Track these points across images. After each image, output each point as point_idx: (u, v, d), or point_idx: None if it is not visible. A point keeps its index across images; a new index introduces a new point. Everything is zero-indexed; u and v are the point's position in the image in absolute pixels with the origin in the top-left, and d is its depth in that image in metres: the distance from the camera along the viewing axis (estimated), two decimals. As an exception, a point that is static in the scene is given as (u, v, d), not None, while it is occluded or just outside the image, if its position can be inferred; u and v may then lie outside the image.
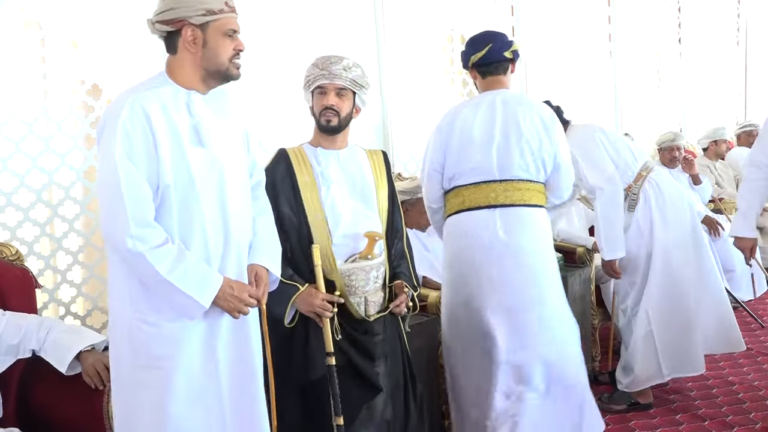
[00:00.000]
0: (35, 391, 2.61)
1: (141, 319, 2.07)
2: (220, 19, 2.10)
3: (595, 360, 4.30)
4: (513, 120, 3.04)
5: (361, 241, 2.62)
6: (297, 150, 2.68)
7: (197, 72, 2.13)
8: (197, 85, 2.15)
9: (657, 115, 6.74)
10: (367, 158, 2.76)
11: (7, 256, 2.77)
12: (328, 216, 2.59)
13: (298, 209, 2.58)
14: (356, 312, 2.59)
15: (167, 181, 2.04)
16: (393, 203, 2.77)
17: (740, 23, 7.57)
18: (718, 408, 3.73)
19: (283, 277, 2.44)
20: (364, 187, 2.69)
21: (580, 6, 5.88)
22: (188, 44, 2.11)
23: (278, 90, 3.96)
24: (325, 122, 2.61)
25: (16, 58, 3.15)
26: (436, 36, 4.83)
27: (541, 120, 3.06)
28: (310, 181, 2.61)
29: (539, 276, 3.04)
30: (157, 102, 2.07)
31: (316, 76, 2.60)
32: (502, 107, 3.07)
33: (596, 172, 3.60)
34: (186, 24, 2.09)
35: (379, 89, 4.38)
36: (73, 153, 3.27)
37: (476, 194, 3.05)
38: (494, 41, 3.11)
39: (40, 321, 2.55)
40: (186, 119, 2.11)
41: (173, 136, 2.06)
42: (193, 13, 2.08)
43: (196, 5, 2.08)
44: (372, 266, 2.63)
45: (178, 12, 2.09)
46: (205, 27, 2.09)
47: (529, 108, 3.09)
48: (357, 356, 2.58)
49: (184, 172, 2.07)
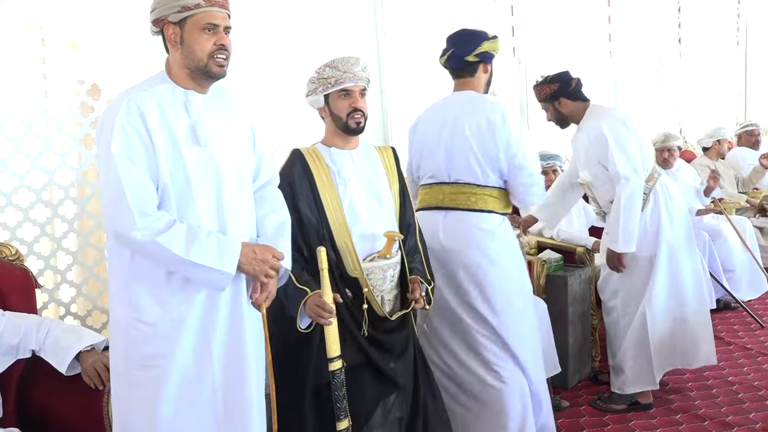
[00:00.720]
0: (35, 392, 2.60)
1: (136, 318, 2.08)
2: (196, 14, 2.08)
3: (595, 360, 4.30)
4: (459, 123, 3.09)
5: (378, 240, 2.62)
6: (311, 150, 2.68)
7: (183, 70, 2.13)
8: (192, 84, 2.15)
9: (657, 115, 6.74)
10: (378, 155, 2.77)
11: (7, 256, 2.77)
12: (347, 215, 2.59)
13: (317, 209, 2.57)
14: (380, 309, 2.59)
15: (165, 179, 2.05)
16: (404, 198, 2.79)
17: (740, 23, 7.58)
18: (718, 408, 3.73)
19: (298, 282, 2.45)
20: (378, 186, 2.70)
21: (580, 6, 5.88)
22: (171, 42, 2.13)
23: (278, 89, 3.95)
24: (355, 124, 2.61)
25: (15, 58, 3.14)
26: (436, 35, 4.83)
27: (488, 122, 3.05)
28: (328, 181, 2.61)
29: (477, 285, 3.05)
30: (154, 101, 2.07)
31: (339, 78, 2.59)
32: (454, 110, 3.13)
33: (626, 159, 3.52)
34: (166, 23, 2.11)
35: (379, 88, 4.38)
36: (73, 153, 3.27)
37: (429, 195, 3.18)
38: (456, 46, 3.15)
39: (40, 321, 2.55)
40: (183, 119, 2.10)
41: (169, 136, 2.07)
42: (170, 10, 2.09)
43: (172, 3, 2.09)
44: (389, 265, 2.63)
45: (159, 12, 2.11)
46: (183, 24, 2.09)
47: (480, 110, 3.08)
48: (376, 354, 2.58)
49: (180, 171, 2.07)
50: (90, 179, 3.29)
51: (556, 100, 3.72)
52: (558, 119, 3.80)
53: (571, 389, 4.05)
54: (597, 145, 3.59)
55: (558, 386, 4.04)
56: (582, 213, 4.64)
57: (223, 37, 2.11)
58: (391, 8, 4.50)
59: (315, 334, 2.51)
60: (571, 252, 4.30)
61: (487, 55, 3.15)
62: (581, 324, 4.16)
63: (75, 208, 3.28)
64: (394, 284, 2.67)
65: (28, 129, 3.13)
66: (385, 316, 2.61)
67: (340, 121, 2.63)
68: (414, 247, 2.78)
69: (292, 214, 2.44)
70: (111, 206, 2.04)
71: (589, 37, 5.98)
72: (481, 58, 3.14)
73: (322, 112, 2.69)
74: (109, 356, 2.20)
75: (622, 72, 6.21)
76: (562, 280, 4.04)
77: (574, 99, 3.71)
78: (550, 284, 4.04)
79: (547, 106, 3.79)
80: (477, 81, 3.19)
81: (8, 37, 3.12)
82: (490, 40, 3.15)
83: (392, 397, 2.62)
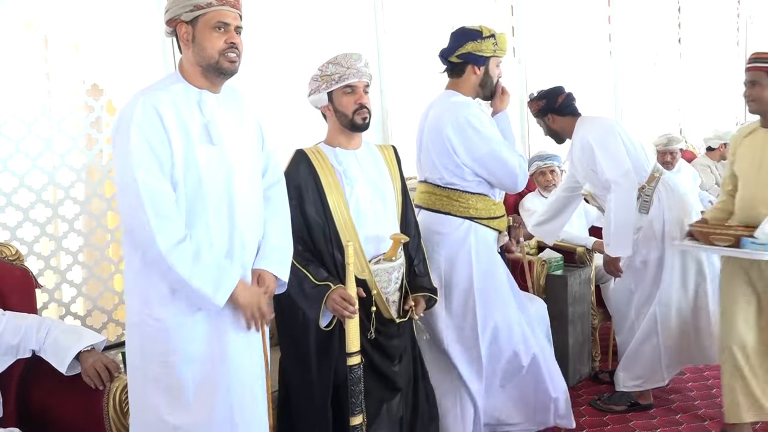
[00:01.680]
0: (35, 391, 2.60)
1: (149, 315, 2.11)
2: (208, 12, 2.11)
3: (595, 360, 4.30)
4: (427, 123, 3.12)
5: (382, 242, 2.62)
6: (315, 150, 2.66)
7: (196, 69, 2.16)
8: (205, 84, 2.17)
9: (656, 115, 6.74)
10: (381, 154, 2.77)
11: (7, 256, 2.76)
12: (354, 216, 2.59)
13: (324, 210, 2.56)
14: (387, 312, 2.60)
15: (177, 177, 2.09)
16: (405, 198, 2.79)
17: (740, 23, 7.58)
18: (718, 408, 3.72)
19: (317, 279, 2.46)
20: (383, 186, 2.71)
21: (580, 6, 5.87)
22: (183, 42, 2.16)
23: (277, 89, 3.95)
24: (361, 120, 2.61)
25: (16, 58, 3.14)
26: (436, 35, 4.83)
27: (443, 126, 3.03)
28: (334, 182, 2.60)
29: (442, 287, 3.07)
30: (169, 101, 2.10)
31: (343, 74, 2.58)
32: (430, 109, 3.15)
33: (614, 165, 3.49)
34: (179, 22, 2.14)
35: (379, 87, 4.38)
36: (73, 153, 3.27)
37: (417, 191, 3.23)
38: (447, 45, 3.13)
39: (40, 321, 2.55)
40: (197, 118, 2.14)
41: (184, 134, 2.10)
42: (183, 9, 2.12)
43: (185, 2, 2.12)
44: (394, 267, 2.64)
45: (173, 12, 2.15)
46: (195, 22, 2.12)
47: (440, 114, 3.07)
48: (379, 357, 2.59)
49: (193, 169, 2.10)
50: (91, 179, 3.29)
51: (546, 115, 3.73)
52: (551, 134, 3.80)
53: (571, 389, 4.04)
54: (586, 155, 3.58)
55: (558, 386, 4.04)
56: (582, 213, 4.63)
57: (234, 35, 2.14)
58: (391, 7, 4.50)
59: (334, 333, 2.51)
60: (571, 252, 4.30)
61: (472, 57, 3.05)
62: (581, 324, 4.16)
63: (75, 208, 3.28)
64: (397, 286, 2.68)
65: (28, 129, 3.13)
66: (392, 319, 2.61)
67: (345, 118, 2.61)
68: (417, 246, 2.79)
69: (300, 217, 2.46)
70: (128, 208, 2.08)
71: (589, 37, 5.98)
72: (466, 60, 3.06)
73: (325, 111, 2.67)
74: (110, 356, 2.23)
75: (622, 72, 6.21)
76: (562, 280, 4.04)
77: (562, 114, 3.69)
78: (550, 284, 4.04)
79: (540, 122, 3.81)
80: (463, 83, 3.12)
81: (8, 36, 3.12)
82: (479, 41, 3.04)
83: (395, 399, 2.64)
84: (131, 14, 3.38)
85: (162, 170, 2.06)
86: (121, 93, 3.34)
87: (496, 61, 3.12)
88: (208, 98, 2.17)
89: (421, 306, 2.69)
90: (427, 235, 3.05)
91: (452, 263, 3.08)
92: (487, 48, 3.06)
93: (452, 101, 3.08)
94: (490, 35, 3.06)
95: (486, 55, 3.07)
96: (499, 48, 3.09)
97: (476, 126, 3.01)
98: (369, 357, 2.54)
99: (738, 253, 3.01)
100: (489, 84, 3.13)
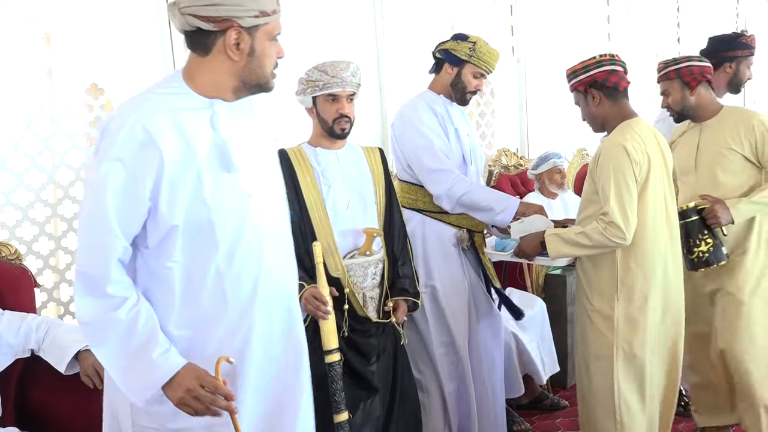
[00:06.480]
0: (34, 391, 2.60)
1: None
2: (270, 21, 1.75)
3: (594, 360, 4.30)
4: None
5: (359, 237, 2.66)
6: (296, 150, 2.71)
7: (231, 81, 1.78)
8: (223, 93, 1.79)
9: (656, 115, 6.73)
10: (365, 156, 2.79)
11: (6, 256, 2.76)
12: (330, 214, 2.62)
13: (300, 208, 2.59)
14: (361, 310, 2.61)
15: (174, 221, 1.71)
16: (390, 199, 2.80)
17: (739, 23, 7.58)
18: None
19: None
20: (362, 186, 2.73)
21: (580, 6, 5.88)
22: (230, 49, 1.73)
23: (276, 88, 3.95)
24: (340, 131, 2.65)
25: (15, 58, 3.14)
26: (436, 35, 4.83)
27: (396, 118, 3.15)
28: (312, 182, 2.64)
29: None
30: (169, 118, 1.71)
31: (327, 82, 2.60)
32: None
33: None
34: (233, 25, 1.71)
35: (378, 88, 4.38)
36: (73, 152, 3.27)
37: None
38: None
39: (39, 320, 2.55)
40: (208, 136, 1.75)
41: (188, 163, 1.71)
42: (245, 13, 1.70)
43: (249, 4, 1.71)
44: (370, 262, 2.66)
45: (227, 9, 1.69)
46: (254, 31, 1.74)
47: (404, 106, 3.17)
48: (354, 356, 2.60)
49: (199, 206, 1.72)
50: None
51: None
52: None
53: (570, 389, 4.05)
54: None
55: (557, 385, 4.05)
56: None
57: (281, 48, 1.82)
58: (391, 8, 4.50)
59: (308, 330, 2.51)
60: (570, 252, 4.28)
61: (448, 55, 3.07)
62: (580, 324, 4.15)
63: (74, 207, 3.28)
64: (376, 282, 2.69)
65: (27, 128, 3.13)
66: (367, 317, 2.62)
67: (326, 124, 2.66)
68: (402, 246, 2.80)
69: None
70: (84, 240, 1.77)
71: (588, 36, 5.98)
72: (443, 56, 3.11)
73: (309, 113, 2.73)
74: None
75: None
76: (561, 279, 4.05)
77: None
78: (549, 284, 4.05)
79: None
80: (438, 79, 3.17)
81: (8, 36, 3.12)
82: (458, 41, 3.05)
83: (373, 400, 2.65)
84: (131, 14, 3.38)
85: (129, 218, 1.70)
86: (120, 92, 3.34)
87: (471, 69, 3.08)
88: (222, 110, 1.78)
89: (402, 309, 2.69)
90: None
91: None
92: (461, 50, 3.05)
93: (416, 95, 3.19)
94: (471, 41, 3.05)
95: (460, 56, 3.06)
96: (476, 56, 3.04)
97: (413, 120, 3.07)
98: (344, 355, 2.53)
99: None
100: (461, 87, 3.12)
